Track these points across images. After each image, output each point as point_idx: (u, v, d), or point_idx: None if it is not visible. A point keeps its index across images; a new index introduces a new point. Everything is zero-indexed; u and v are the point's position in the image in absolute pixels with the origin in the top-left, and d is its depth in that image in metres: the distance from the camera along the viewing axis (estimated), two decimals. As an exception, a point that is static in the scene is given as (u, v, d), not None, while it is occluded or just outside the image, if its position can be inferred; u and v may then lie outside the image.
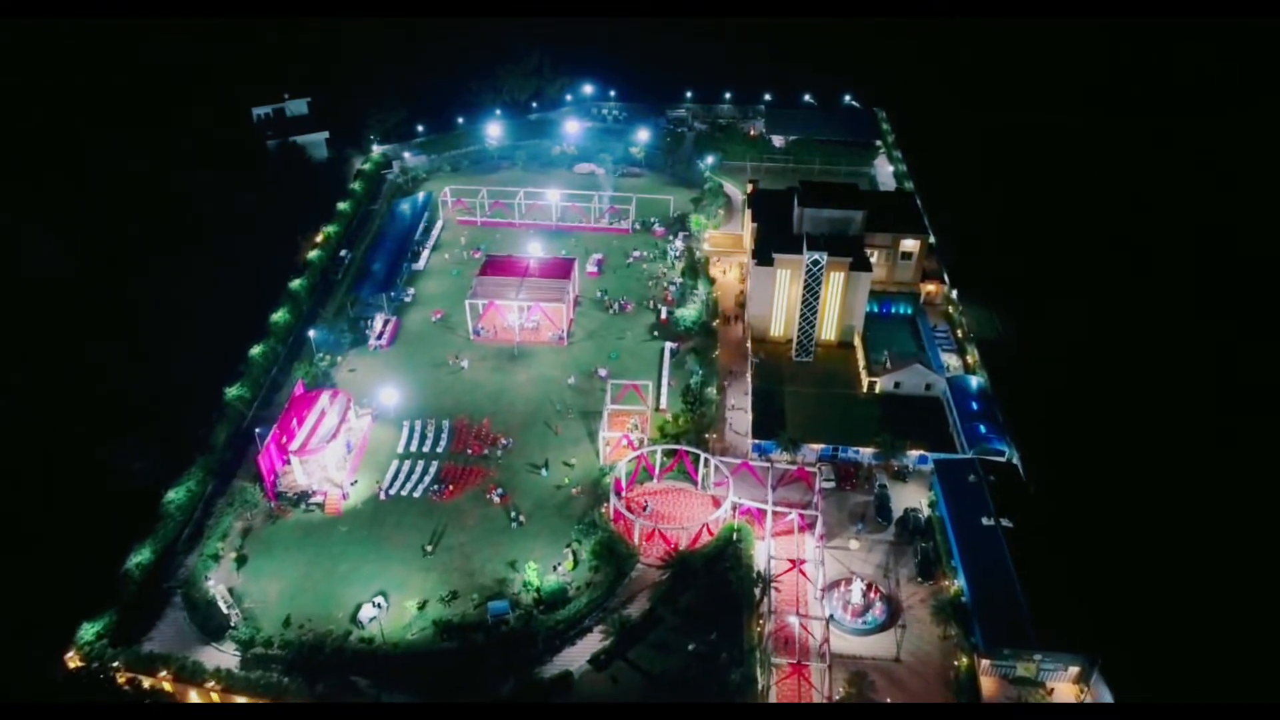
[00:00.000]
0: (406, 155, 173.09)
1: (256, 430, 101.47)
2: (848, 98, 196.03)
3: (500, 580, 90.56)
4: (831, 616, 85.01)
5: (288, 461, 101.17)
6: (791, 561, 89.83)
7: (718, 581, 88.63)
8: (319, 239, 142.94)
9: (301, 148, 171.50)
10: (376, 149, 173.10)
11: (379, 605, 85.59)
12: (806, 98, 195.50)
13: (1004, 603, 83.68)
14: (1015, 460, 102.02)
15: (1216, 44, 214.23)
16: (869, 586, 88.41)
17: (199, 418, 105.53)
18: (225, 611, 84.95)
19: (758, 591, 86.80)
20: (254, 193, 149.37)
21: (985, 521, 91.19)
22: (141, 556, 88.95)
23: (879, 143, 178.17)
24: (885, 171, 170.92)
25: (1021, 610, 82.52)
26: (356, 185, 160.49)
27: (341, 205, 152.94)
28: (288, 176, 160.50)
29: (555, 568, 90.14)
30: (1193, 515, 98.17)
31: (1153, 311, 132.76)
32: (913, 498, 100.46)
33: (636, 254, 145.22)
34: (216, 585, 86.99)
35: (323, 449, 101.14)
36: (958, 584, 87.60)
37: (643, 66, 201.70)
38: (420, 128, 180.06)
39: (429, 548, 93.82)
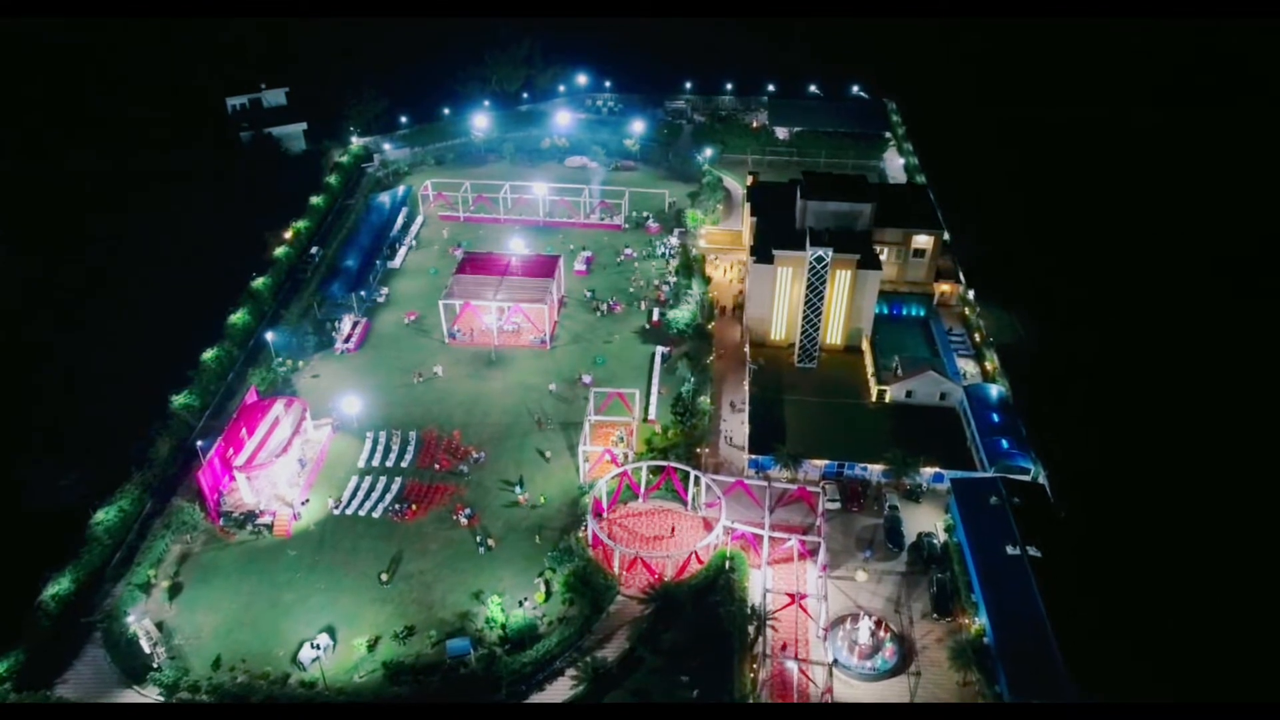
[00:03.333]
0: (387, 147, 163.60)
1: (199, 443, 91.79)
2: (856, 88, 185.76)
3: (463, 614, 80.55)
4: (835, 660, 74.74)
5: (233, 477, 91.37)
6: (790, 596, 79.49)
7: (706, 617, 78.46)
8: (288, 235, 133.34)
9: (277, 140, 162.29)
10: (356, 141, 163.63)
11: (318, 647, 75.45)
12: (812, 88, 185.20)
13: (1032, 644, 73.28)
14: (1042, 479, 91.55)
15: (1236, 38, 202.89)
16: (878, 624, 78.09)
17: (139, 428, 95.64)
18: (148, 650, 75.05)
19: (751, 630, 76.58)
20: (222, 186, 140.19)
21: (1010, 550, 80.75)
22: (60, 586, 79.17)
23: (888, 135, 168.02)
24: (895, 165, 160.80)
25: (1052, 653, 72.11)
26: (332, 179, 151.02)
27: (315, 199, 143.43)
28: (260, 169, 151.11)
29: (521, 603, 79.94)
30: (1247, 542, 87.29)
31: (1193, 314, 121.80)
32: (927, 521, 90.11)
33: (628, 251, 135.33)
34: (139, 620, 77.00)
35: (272, 464, 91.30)
36: (979, 622, 77.22)
37: (640, 56, 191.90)
38: (403, 119, 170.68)
39: (384, 576, 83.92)
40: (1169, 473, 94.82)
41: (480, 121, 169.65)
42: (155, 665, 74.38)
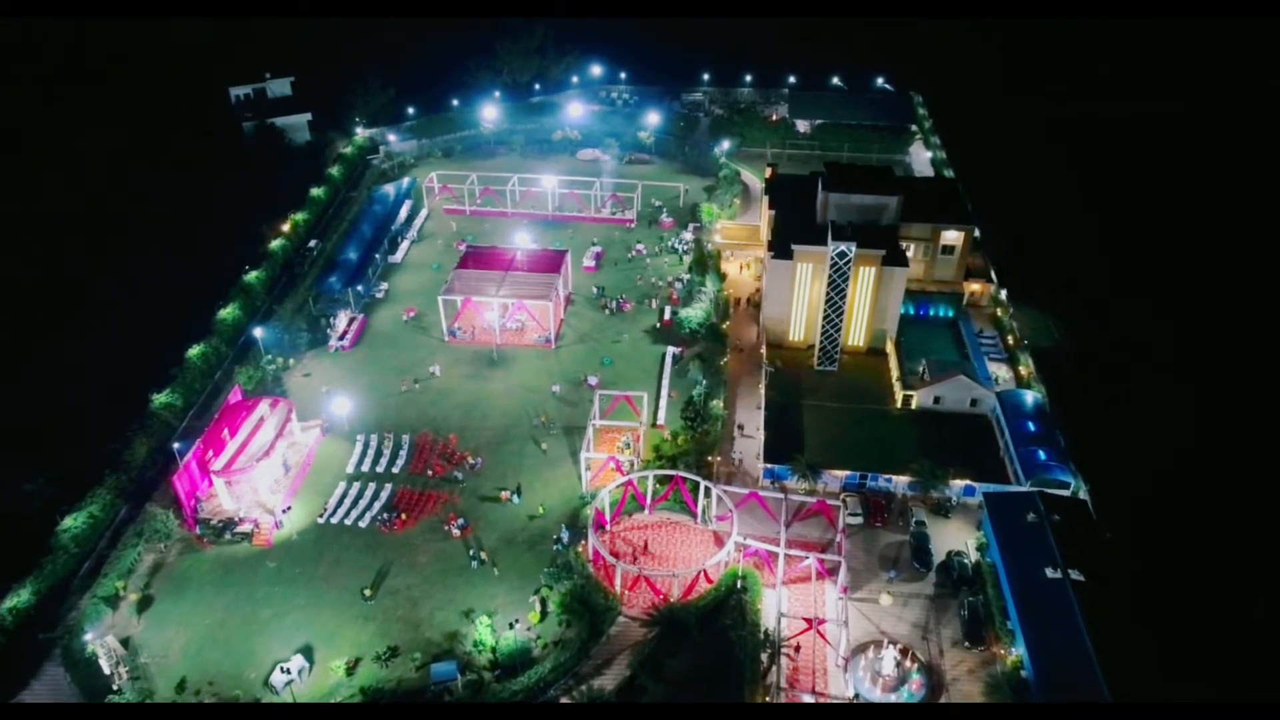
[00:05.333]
0: (392, 138, 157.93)
1: (175, 445, 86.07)
2: (880, 80, 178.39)
3: (451, 634, 74.31)
4: (857, 695, 67.86)
5: (211, 483, 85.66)
6: (808, 621, 72.56)
7: (715, 643, 71.73)
8: (285, 227, 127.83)
9: (280, 131, 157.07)
10: (361, 132, 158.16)
11: (287, 671, 69.39)
12: (835, 80, 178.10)
13: (1076, 678, 66.17)
14: (1083, 494, 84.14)
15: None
16: (904, 653, 71.11)
17: (116, 429, 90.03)
18: (107, 671, 69.25)
19: (764, 658, 69.83)
20: (220, 177, 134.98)
21: (1050, 573, 73.54)
22: (19, 599, 73.71)
23: (914, 128, 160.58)
24: (922, 159, 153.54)
25: (1099, 689, 64.84)
26: (334, 170, 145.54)
27: (315, 191, 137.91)
28: (262, 160, 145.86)
29: (512, 625, 73.47)
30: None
31: (1247, 314, 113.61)
32: (957, 538, 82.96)
33: (639, 247, 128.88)
34: (100, 638, 71.24)
35: (252, 468, 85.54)
36: (1016, 653, 70.14)
37: (656, 47, 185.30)
38: (410, 110, 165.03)
39: (368, 591, 77.82)
40: (1226, 487, 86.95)
41: (490, 113, 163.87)
42: (115, 687, 68.56)
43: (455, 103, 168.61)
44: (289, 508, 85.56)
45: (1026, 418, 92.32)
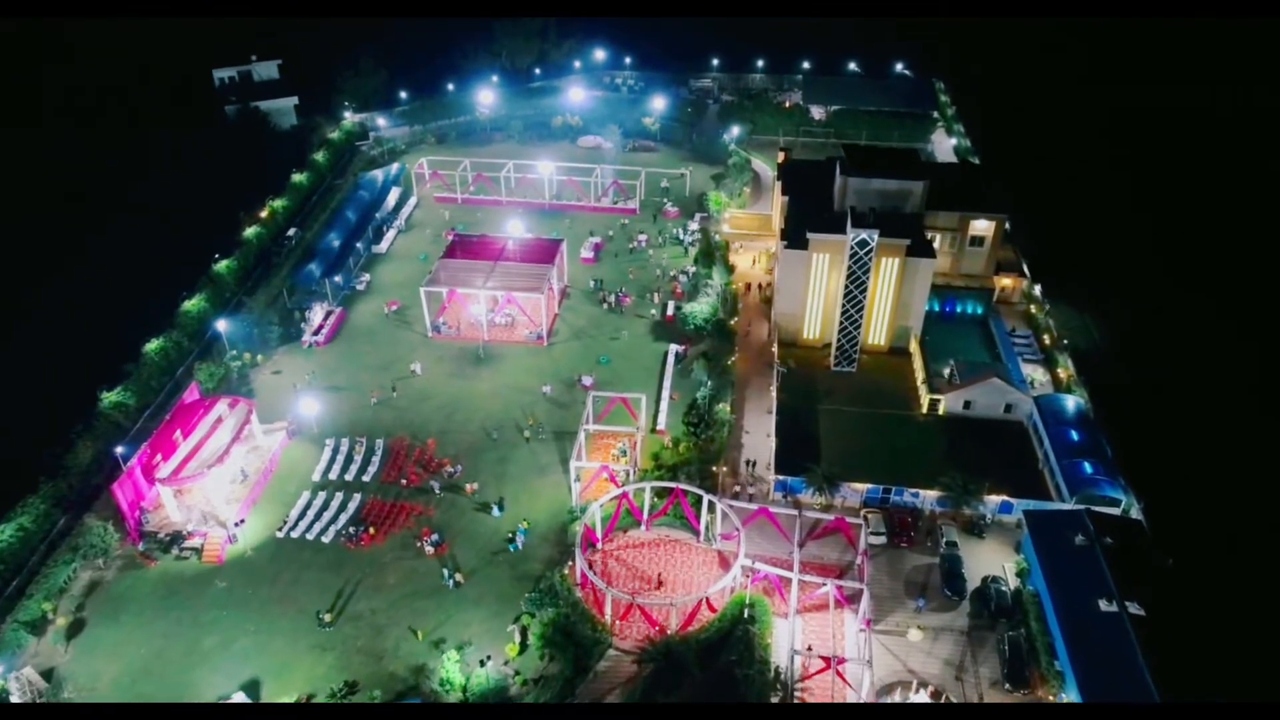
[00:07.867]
0: (382, 122, 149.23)
1: (119, 449, 77.26)
2: (900, 66, 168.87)
3: (418, 668, 65.32)
4: (882, 748, 58.69)
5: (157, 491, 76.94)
6: (825, 660, 63.22)
7: (718, 682, 62.48)
8: (263, 214, 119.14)
9: (265, 115, 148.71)
10: (350, 117, 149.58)
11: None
12: (851, 66, 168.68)
13: (1137, 732, 56.85)
14: (1136, 513, 74.54)
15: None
16: (935, 696, 61.77)
17: (58, 429, 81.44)
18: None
19: (775, 701, 60.51)
20: (196, 163, 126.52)
21: (1104, 606, 64.01)
22: (-70, 623, 65.29)
23: (936, 115, 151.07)
24: (944, 146, 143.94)
25: (1166, 746, 55.55)
26: (319, 156, 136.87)
27: (297, 177, 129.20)
28: (244, 145, 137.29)
29: (483, 662, 64.27)
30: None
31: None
32: (993, 561, 73.49)
33: (641, 238, 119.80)
34: (16, 670, 62.52)
35: (203, 476, 76.74)
36: (1066, 698, 60.66)
37: (664, 31, 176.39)
38: (403, 94, 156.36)
39: (327, 616, 68.92)
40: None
41: (486, 98, 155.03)
42: (30, 728, 59.96)
43: (450, 87, 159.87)
44: (242, 520, 76.67)
45: (1068, 425, 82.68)
